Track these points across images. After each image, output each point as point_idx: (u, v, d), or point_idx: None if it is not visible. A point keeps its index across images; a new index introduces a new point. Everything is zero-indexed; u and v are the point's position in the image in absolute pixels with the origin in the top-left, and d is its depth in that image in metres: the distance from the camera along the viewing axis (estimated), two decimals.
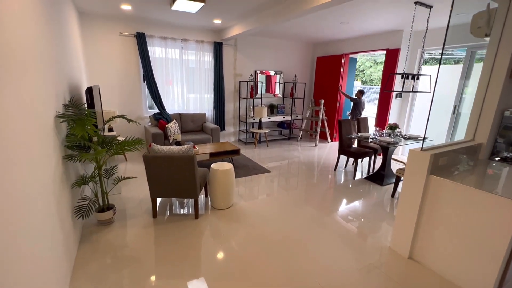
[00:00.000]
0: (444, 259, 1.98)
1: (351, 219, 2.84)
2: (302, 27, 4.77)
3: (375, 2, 3.26)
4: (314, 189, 3.62)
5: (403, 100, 5.25)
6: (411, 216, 2.15)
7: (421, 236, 2.13)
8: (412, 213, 2.14)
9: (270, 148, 5.81)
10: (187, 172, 2.51)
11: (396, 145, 3.47)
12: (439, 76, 2.21)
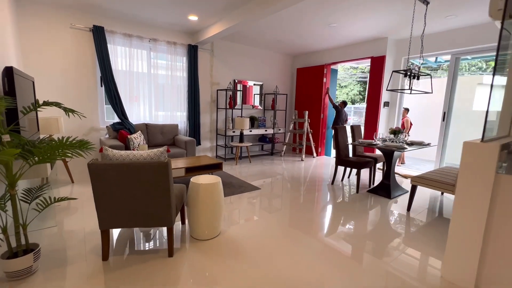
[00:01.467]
0: None
1: (378, 246, 2.22)
2: (283, 31, 4.42)
3: None
4: (318, 208, 2.98)
5: (390, 108, 5.05)
6: (474, 232, 1.60)
7: (491, 257, 1.57)
8: (476, 227, 1.59)
9: (253, 164, 5.14)
10: (158, 187, 1.71)
11: (406, 150, 3.04)
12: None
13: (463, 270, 1.65)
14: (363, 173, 4.61)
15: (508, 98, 2.14)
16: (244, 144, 5.06)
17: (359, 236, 2.33)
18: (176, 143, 4.54)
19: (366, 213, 2.84)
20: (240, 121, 4.97)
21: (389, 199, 3.29)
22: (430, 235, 2.37)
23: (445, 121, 4.48)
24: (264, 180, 3.98)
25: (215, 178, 2.21)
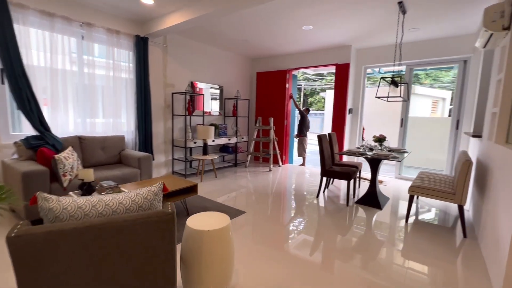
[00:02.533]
0: None
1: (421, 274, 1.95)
2: (251, 30, 3.97)
3: None
4: (332, 234, 2.59)
5: (353, 115, 5.17)
6: None
7: None
8: None
9: (220, 179, 4.47)
10: (154, 257, 0.99)
11: (396, 159, 2.97)
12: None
13: None
14: (338, 182, 4.51)
15: (504, 105, 2.19)
16: (210, 156, 4.34)
17: (392, 265, 2.03)
18: (124, 160, 3.51)
19: (372, 232, 2.60)
20: (203, 130, 4.25)
21: (380, 209, 3.17)
22: (464, 261, 2.26)
23: (403, 127, 4.80)
24: (244, 200, 3.39)
25: (221, 218, 1.56)
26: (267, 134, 5.82)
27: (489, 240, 2.05)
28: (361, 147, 3.51)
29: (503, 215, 1.77)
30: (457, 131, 4.28)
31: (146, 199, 1.04)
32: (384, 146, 3.37)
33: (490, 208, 2.13)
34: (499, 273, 1.67)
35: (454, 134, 4.33)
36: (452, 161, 4.35)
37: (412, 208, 3.26)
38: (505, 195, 1.76)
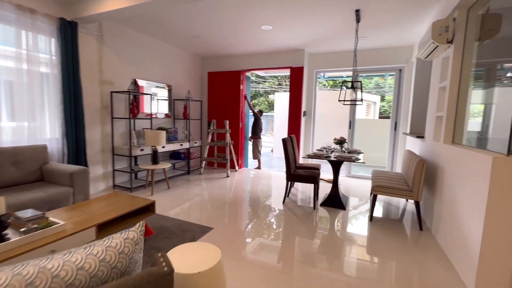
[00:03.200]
0: None
1: (405, 273, 1.97)
2: (204, 25, 3.65)
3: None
4: (311, 243, 2.47)
5: (307, 118, 5.31)
6: (504, 247, 1.59)
7: None
8: (506, 242, 1.58)
9: (174, 190, 3.97)
10: None
11: (358, 160, 3.09)
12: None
13: (495, 285, 1.63)
14: (296, 184, 4.52)
15: (450, 109, 2.47)
16: (162, 165, 3.80)
17: (366, 263, 2.02)
18: (48, 177, 2.72)
19: (343, 232, 2.61)
20: (153, 135, 3.69)
21: (344, 210, 3.25)
22: (425, 252, 2.40)
23: (351, 129, 5.15)
24: (207, 213, 3.03)
25: (207, 251, 1.24)
26: (222, 137, 5.51)
27: (448, 231, 2.25)
28: (323, 149, 3.56)
29: (464, 207, 1.94)
30: (396, 131, 4.81)
31: (122, 254, 0.68)
32: (344, 148, 3.49)
33: (445, 202, 2.35)
34: (465, 259, 1.82)
35: (393, 134, 4.85)
36: (393, 158, 4.87)
37: (367, 204, 3.46)
38: (462, 188, 1.94)
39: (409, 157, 3.19)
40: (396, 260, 2.14)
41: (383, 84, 12.89)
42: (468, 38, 2.36)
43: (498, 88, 2.66)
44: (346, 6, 2.96)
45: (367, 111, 9.25)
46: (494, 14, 2.29)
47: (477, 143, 2.33)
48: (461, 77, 2.42)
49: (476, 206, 1.73)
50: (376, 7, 2.97)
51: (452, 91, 2.46)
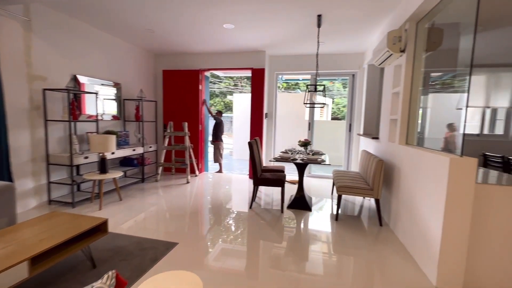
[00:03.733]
0: (508, 272, 1.75)
1: (366, 270, 2.02)
2: (160, 19, 3.35)
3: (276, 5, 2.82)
4: (275, 243, 2.38)
5: (269, 119, 5.31)
6: (462, 239, 1.75)
7: (476, 259, 1.79)
8: (463, 235, 1.75)
9: (126, 201, 3.53)
10: None
11: (324, 162, 3.16)
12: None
13: (454, 276, 1.79)
14: (262, 188, 4.46)
15: (404, 112, 2.69)
16: (112, 174, 3.33)
17: (336, 261, 2.04)
18: None
19: (315, 235, 2.62)
20: (100, 141, 3.20)
21: (310, 211, 3.30)
22: (388, 246, 2.52)
23: (310, 130, 5.32)
24: (169, 225, 2.74)
25: (187, 280, 1.05)
26: (180, 140, 5.14)
27: (406, 226, 2.42)
28: (288, 151, 3.57)
29: (422, 204, 2.10)
30: (350, 132, 5.14)
31: None
32: (309, 149, 3.55)
33: (403, 199, 2.54)
34: (426, 253, 1.97)
35: (348, 135, 5.17)
36: (348, 158, 5.18)
37: (329, 203, 3.59)
38: (419, 187, 2.11)
39: (366, 157, 3.40)
40: (361, 256, 2.22)
41: (331, 88, 13.84)
42: (417, 48, 2.60)
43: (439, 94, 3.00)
44: (310, 10, 3.00)
45: (321, 113, 9.78)
46: (437, 28, 2.56)
47: (418, 143, 2.59)
48: (412, 84, 2.64)
49: (435, 203, 1.88)
50: (338, 14, 3.08)
51: (405, 96, 2.67)
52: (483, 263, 1.78)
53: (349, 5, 2.84)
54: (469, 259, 1.79)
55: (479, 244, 1.77)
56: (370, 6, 2.87)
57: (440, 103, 4.47)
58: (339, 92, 13.84)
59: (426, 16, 2.46)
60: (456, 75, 3.54)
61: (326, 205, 3.56)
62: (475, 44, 1.72)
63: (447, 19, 2.50)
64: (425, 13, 2.42)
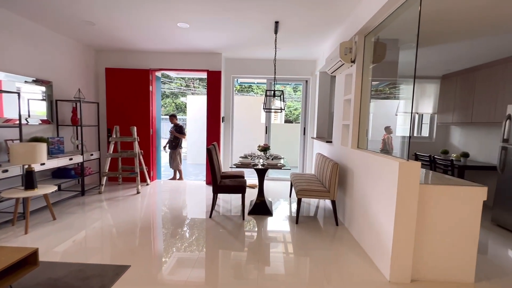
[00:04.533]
0: (445, 263, 1.99)
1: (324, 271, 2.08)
2: (103, 11, 2.98)
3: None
4: (239, 252, 2.29)
5: (226, 123, 5.20)
6: (410, 235, 1.94)
7: (419, 252, 1.99)
8: (410, 232, 1.93)
9: (62, 219, 3.02)
10: None
11: (284, 166, 3.20)
12: None
13: (404, 270, 1.96)
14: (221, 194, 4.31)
15: (355, 119, 2.90)
16: (42, 190, 2.80)
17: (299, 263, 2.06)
18: None
19: (277, 239, 2.62)
20: (24, 150, 2.66)
21: (271, 215, 3.31)
22: (344, 244, 2.65)
23: (267, 133, 5.39)
24: (119, 246, 2.42)
25: None
26: (129, 146, 4.66)
27: (361, 225, 2.60)
28: (248, 156, 3.52)
29: (375, 205, 2.27)
30: (305, 136, 5.36)
31: None
32: (268, 154, 3.56)
33: (357, 199, 2.72)
34: (379, 249, 2.13)
35: (302, 138, 5.39)
36: (303, 160, 5.40)
37: (290, 206, 3.67)
38: (372, 188, 2.29)
39: (322, 160, 3.57)
40: (320, 255, 2.31)
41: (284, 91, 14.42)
42: (365, 60, 2.82)
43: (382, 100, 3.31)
44: (268, 16, 3.01)
45: (275, 117, 10.05)
46: (381, 43, 2.83)
47: (364, 145, 2.84)
48: (362, 92, 2.86)
49: (387, 203, 2.05)
50: (294, 22, 3.16)
51: (356, 103, 2.88)
52: (426, 256, 2.00)
53: (305, 14, 2.94)
54: (415, 253, 1.99)
55: (423, 239, 1.99)
56: (324, 17, 3.02)
57: (381, 109, 4.97)
58: (290, 95, 14.46)
59: (372, 31, 2.68)
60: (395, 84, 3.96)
61: (285, 208, 3.62)
62: (417, 59, 1.92)
63: (389, 35, 2.78)
64: (372, 29, 2.64)
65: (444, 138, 5.12)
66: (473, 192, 1.90)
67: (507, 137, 3.10)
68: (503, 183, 3.13)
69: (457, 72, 4.50)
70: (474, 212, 1.93)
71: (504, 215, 3.08)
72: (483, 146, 4.20)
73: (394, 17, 2.29)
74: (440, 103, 4.91)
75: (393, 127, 4.82)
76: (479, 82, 4.02)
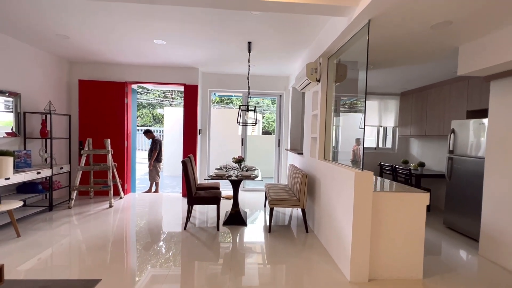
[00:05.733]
0: (397, 262, 2.22)
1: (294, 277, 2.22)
2: (78, 26, 3.05)
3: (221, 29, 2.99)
4: (212, 263, 2.36)
5: (202, 136, 5.29)
6: (365, 239, 2.15)
7: (375, 253, 2.20)
8: (366, 235, 2.15)
9: (27, 236, 2.92)
10: None
11: (257, 177, 3.36)
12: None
13: (362, 270, 2.17)
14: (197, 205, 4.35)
15: (322, 132, 3.15)
16: (4, 206, 2.69)
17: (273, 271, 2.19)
18: None
19: (251, 248, 2.73)
20: None
21: (245, 225, 3.42)
22: (313, 251, 2.81)
23: (243, 145, 5.55)
24: (89, 261, 2.39)
25: None
26: (101, 159, 4.58)
27: (327, 231, 2.80)
28: (223, 168, 3.64)
29: (337, 211, 2.49)
30: (279, 147, 5.60)
31: None
32: (243, 166, 3.71)
33: (323, 207, 2.93)
34: (341, 253, 2.32)
35: (277, 150, 5.61)
36: (278, 170, 5.61)
37: (264, 215, 3.81)
38: (335, 196, 2.51)
39: (293, 171, 3.78)
40: (291, 262, 2.45)
41: (262, 103, 14.79)
42: (329, 79, 3.12)
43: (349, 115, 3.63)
44: (241, 37, 3.24)
45: (253, 129, 10.29)
46: (343, 64, 3.15)
47: (333, 156, 3.10)
48: (326, 108, 3.14)
49: (346, 209, 2.27)
50: (266, 43, 3.41)
51: (322, 118, 3.14)
52: (381, 257, 2.22)
53: (275, 36, 3.20)
54: (372, 255, 2.21)
55: (378, 241, 2.22)
56: (292, 40, 3.31)
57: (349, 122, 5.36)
58: (269, 107, 14.87)
59: (334, 54, 2.99)
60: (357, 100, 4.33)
61: (260, 218, 3.75)
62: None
63: (348, 58, 3.11)
64: (333, 52, 2.95)
65: (405, 149, 5.60)
66: (417, 198, 2.18)
67: (452, 148, 3.52)
68: (451, 189, 3.52)
69: (413, 90, 5.02)
70: (419, 215, 2.20)
71: (453, 218, 3.45)
72: (436, 157, 4.67)
73: (351, 43, 2.60)
74: (400, 117, 5.41)
75: (362, 139, 5.19)
76: (430, 99, 4.53)
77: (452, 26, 2.30)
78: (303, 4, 2.06)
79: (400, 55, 3.21)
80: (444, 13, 2.06)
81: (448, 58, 3.25)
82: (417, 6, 1.93)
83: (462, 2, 1.87)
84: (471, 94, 3.70)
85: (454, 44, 2.74)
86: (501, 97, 2.65)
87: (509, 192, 2.50)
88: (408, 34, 2.52)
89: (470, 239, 3.17)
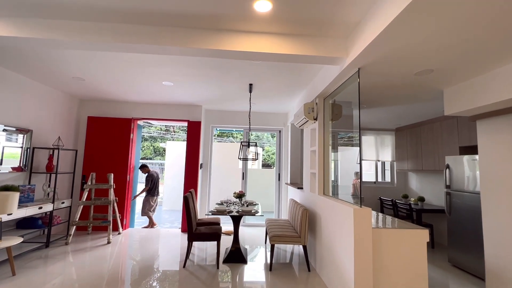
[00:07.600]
0: None
1: None
2: (92, 70, 3.34)
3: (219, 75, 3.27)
4: None
5: (204, 170, 5.38)
6: (368, 277, 2.13)
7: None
8: (368, 272, 2.13)
9: (23, 275, 2.84)
10: None
11: (258, 213, 3.38)
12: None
13: None
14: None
15: (320, 169, 3.25)
16: (4, 243, 2.68)
17: None
18: None
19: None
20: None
21: (246, 263, 3.34)
22: None
23: (244, 179, 5.60)
24: None
25: None
26: (103, 194, 4.60)
27: (329, 269, 2.74)
28: (224, 203, 3.67)
29: (339, 248, 2.48)
30: (279, 181, 5.64)
31: None
32: (244, 200, 3.74)
33: (324, 244, 2.91)
34: None
35: (277, 184, 5.65)
36: (279, 205, 5.58)
37: (265, 252, 3.72)
38: (336, 231, 2.52)
39: (294, 206, 3.79)
40: None
41: (261, 136, 15.11)
42: (325, 118, 3.32)
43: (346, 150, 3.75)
44: (243, 79, 3.52)
45: (253, 162, 10.40)
46: (338, 104, 3.38)
47: (333, 190, 3.15)
48: (324, 145, 3.29)
49: (347, 245, 2.27)
50: (266, 84, 3.69)
51: (320, 155, 3.27)
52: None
53: (274, 79, 3.48)
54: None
55: (379, 278, 2.19)
56: (290, 82, 3.58)
57: (348, 156, 5.48)
58: (269, 140, 15.16)
59: (329, 95, 3.23)
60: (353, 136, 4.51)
61: (261, 255, 3.67)
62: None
63: (343, 98, 3.34)
64: (328, 94, 3.19)
65: (404, 183, 5.65)
66: (416, 235, 2.21)
67: (449, 183, 3.59)
68: (452, 224, 3.51)
69: (406, 126, 5.25)
70: (420, 252, 2.20)
71: (457, 255, 3.39)
72: (435, 191, 4.71)
73: (344, 86, 2.84)
74: (396, 152, 5.56)
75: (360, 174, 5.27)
76: (423, 135, 4.72)
77: (434, 73, 2.55)
78: (299, 55, 2.32)
79: (391, 96, 3.46)
80: (424, 63, 2.30)
81: (435, 100, 3.49)
82: (400, 57, 2.18)
83: (439, 53, 2.12)
84: (461, 131, 3.89)
85: (439, 87, 2.99)
86: (488, 135, 2.81)
87: (509, 228, 2.53)
88: (396, 80, 2.77)
89: (477, 278, 3.08)
